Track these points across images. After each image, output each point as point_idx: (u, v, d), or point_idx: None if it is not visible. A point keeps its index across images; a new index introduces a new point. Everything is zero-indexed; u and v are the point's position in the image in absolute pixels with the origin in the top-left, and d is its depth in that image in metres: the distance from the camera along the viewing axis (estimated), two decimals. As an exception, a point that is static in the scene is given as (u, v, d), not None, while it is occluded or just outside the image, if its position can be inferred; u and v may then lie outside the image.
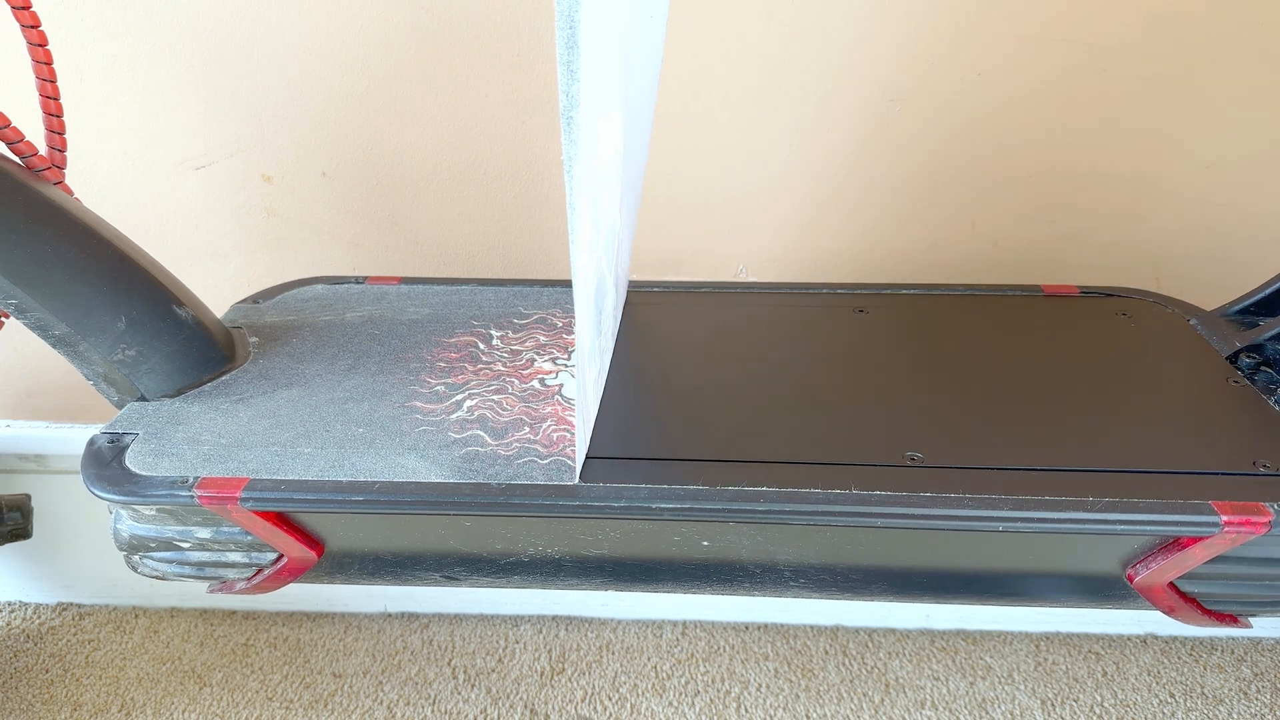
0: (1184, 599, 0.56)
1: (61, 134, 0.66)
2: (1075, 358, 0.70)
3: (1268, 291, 0.74)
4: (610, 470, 0.58)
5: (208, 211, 0.94)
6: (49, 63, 0.63)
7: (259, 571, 0.63)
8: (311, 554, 0.61)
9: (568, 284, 0.83)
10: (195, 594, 1.06)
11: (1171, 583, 0.55)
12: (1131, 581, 0.55)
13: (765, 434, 0.61)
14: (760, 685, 0.97)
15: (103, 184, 0.89)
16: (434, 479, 0.58)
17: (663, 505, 0.55)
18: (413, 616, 1.06)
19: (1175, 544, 0.54)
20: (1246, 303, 0.74)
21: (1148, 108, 0.88)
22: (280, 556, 0.61)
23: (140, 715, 0.94)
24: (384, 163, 0.93)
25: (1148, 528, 0.53)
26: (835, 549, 0.57)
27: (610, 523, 0.57)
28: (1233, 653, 0.99)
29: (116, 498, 0.59)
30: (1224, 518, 0.52)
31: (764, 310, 0.77)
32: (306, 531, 0.60)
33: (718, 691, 0.96)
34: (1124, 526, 0.53)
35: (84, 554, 1.04)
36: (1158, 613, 0.95)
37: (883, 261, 0.96)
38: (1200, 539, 0.52)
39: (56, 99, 0.65)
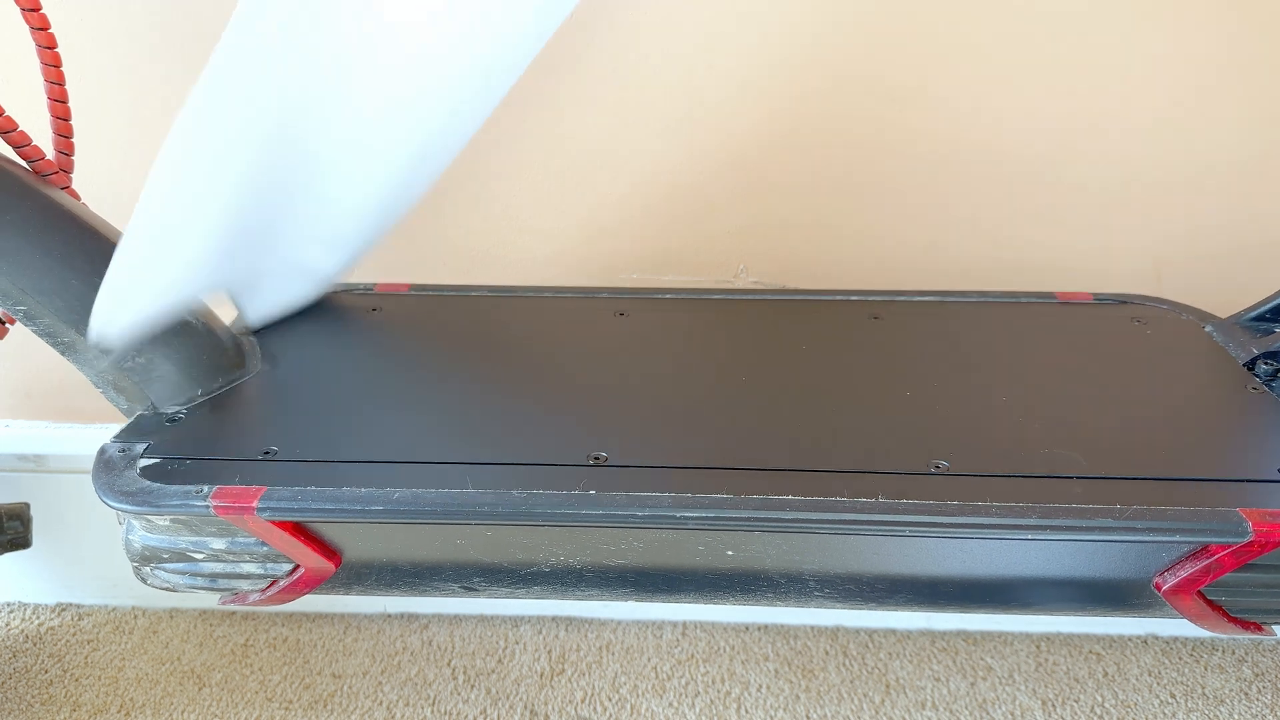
0: (1211, 607, 0.56)
1: (69, 137, 0.65)
2: (1092, 364, 0.70)
3: (1283, 298, 0.75)
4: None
5: (210, 211, 0.93)
6: (58, 65, 0.62)
7: (274, 583, 0.62)
8: (329, 565, 0.60)
9: (578, 290, 0.83)
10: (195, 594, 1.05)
11: (1200, 591, 0.56)
12: (1159, 590, 0.56)
13: (789, 441, 0.61)
14: (760, 686, 0.97)
15: (101, 187, 0.88)
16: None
17: (687, 514, 0.55)
18: (412, 617, 1.06)
19: (1204, 552, 0.54)
20: (1262, 309, 0.75)
21: (1146, 109, 0.89)
22: (297, 567, 0.61)
23: (140, 715, 0.94)
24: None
25: (1176, 536, 0.53)
26: (861, 558, 0.57)
27: (634, 532, 0.57)
28: (1234, 653, 1.00)
29: (130, 508, 0.58)
30: (1253, 524, 0.52)
31: (779, 317, 0.77)
32: (324, 542, 0.60)
33: (718, 692, 0.97)
34: (1153, 535, 0.53)
35: (83, 555, 1.03)
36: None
37: (882, 261, 0.96)
38: (1229, 547, 0.53)
39: (65, 102, 0.64)
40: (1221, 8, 0.84)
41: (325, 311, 0.79)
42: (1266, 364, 0.69)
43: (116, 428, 0.64)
